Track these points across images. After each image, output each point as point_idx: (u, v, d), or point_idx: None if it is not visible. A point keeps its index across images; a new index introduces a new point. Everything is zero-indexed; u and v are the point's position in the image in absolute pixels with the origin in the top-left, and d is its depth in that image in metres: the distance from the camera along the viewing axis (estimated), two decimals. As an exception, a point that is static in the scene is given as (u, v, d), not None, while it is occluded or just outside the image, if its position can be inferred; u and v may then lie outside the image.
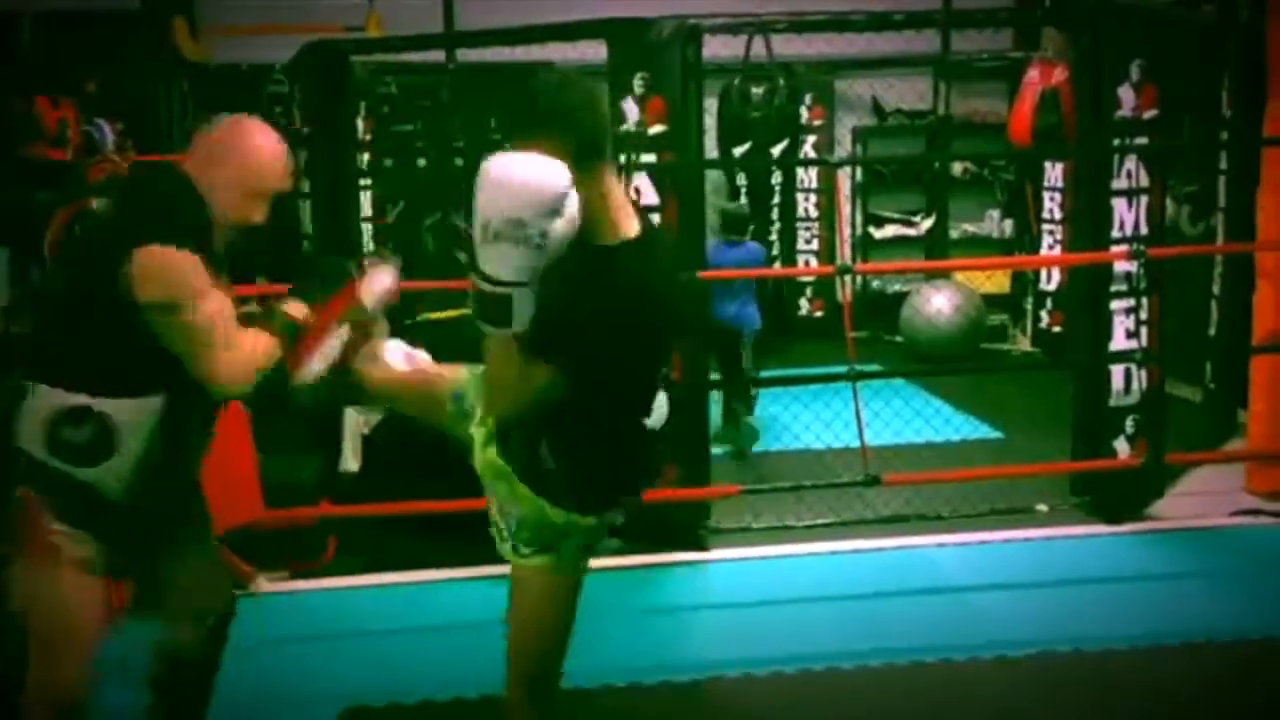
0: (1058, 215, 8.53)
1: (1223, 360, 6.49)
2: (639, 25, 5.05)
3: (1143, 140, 5.29)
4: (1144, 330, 5.36)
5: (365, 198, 7.09)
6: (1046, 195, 8.66)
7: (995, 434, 6.99)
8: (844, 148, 9.97)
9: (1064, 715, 3.83)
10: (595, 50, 5.33)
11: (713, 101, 8.51)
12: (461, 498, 4.86)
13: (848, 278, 6.53)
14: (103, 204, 5.68)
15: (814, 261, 9.75)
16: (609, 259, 2.49)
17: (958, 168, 10.14)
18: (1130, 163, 5.28)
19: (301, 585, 4.91)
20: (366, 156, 7.38)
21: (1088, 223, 5.55)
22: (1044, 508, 5.40)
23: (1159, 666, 4.07)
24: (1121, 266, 5.32)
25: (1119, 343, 5.37)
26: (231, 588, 3.24)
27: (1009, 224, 9.86)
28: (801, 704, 3.95)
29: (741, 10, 6.25)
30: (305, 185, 7.03)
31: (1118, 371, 5.38)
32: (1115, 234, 5.30)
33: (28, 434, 2.74)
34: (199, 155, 2.87)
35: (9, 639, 3.12)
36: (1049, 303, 8.80)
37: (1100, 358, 5.39)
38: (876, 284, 10.03)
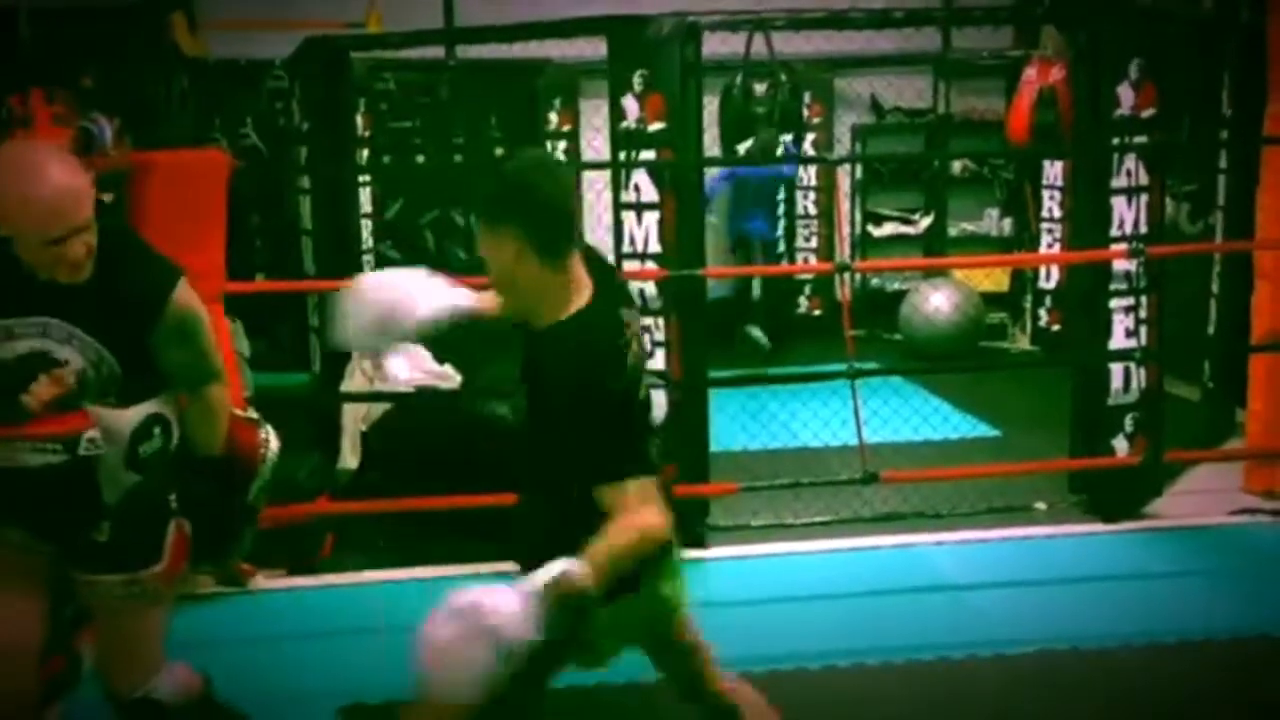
0: (1057, 213, 8.53)
1: (1221, 359, 6.48)
2: (638, 22, 5.05)
3: (1142, 139, 5.28)
4: (1143, 329, 5.36)
5: (365, 194, 7.08)
6: (1045, 193, 8.66)
7: (993, 432, 6.99)
8: (843, 146, 9.95)
9: (1062, 714, 3.83)
10: (594, 47, 5.32)
11: (712, 99, 8.50)
12: (458, 495, 4.88)
13: (846, 276, 6.54)
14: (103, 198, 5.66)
15: (813, 259, 9.75)
16: (541, 338, 2.41)
17: (957, 166, 10.13)
18: (1129, 161, 5.28)
19: (299, 582, 4.91)
20: (366, 153, 7.37)
21: (1087, 221, 5.55)
22: (1042, 506, 5.41)
23: (1157, 665, 4.07)
24: (1120, 265, 5.32)
25: (1118, 341, 5.37)
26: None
27: (1008, 222, 9.84)
28: (799, 702, 3.93)
29: (741, 7, 6.23)
30: (305, 182, 7.03)
31: (1116, 370, 5.37)
32: (1114, 232, 5.30)
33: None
34: None
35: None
36: (1048, 301, 8.80)
37: (1099, 356, 5.39)
38: (875, 282, 10.02)
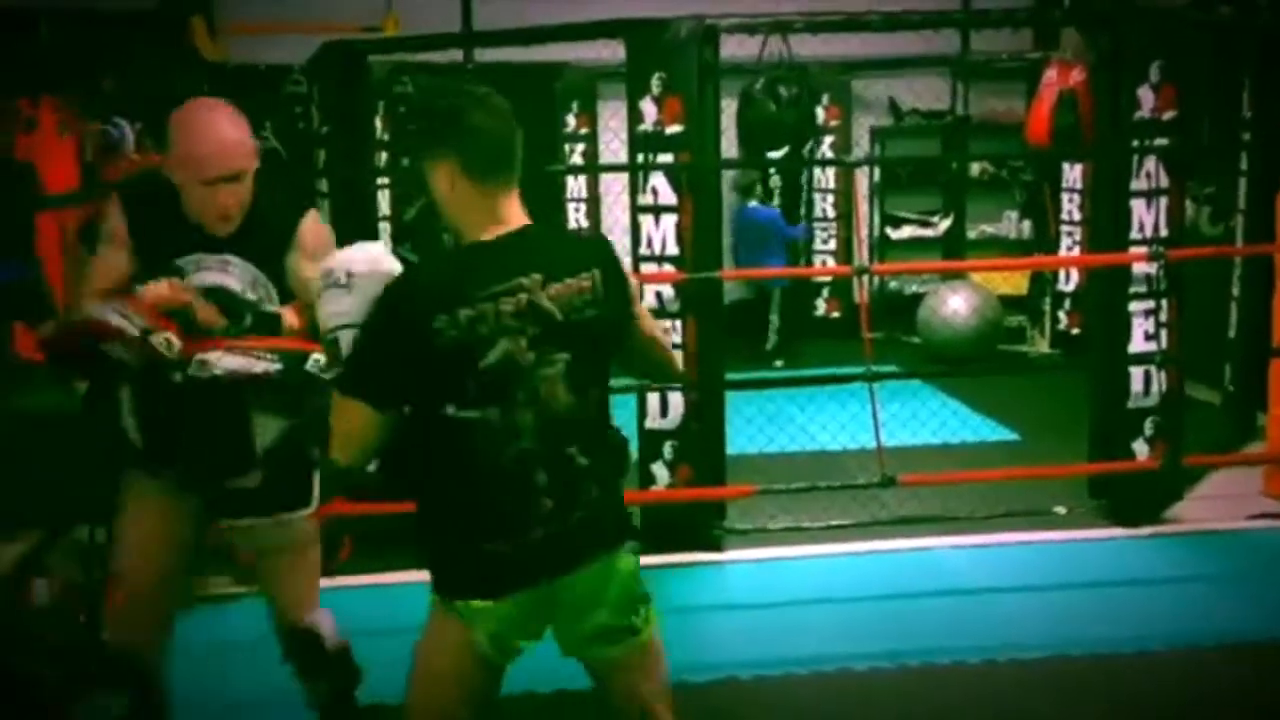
0: (1076, 216, 8.51)
1: (1242, 363, 6.45)
2: (656, 25, 5.05)
3: (1162, 141, 5.26)
4: (1163, 332, 5.34)
5: (383, 197, 7.10)
6: (1065, 196, 8.64)
7: (1012, 436, 6.97)
8: (861, 148, 9.95)
9: (1079, 718, 3.81)
10: (612, 50, 5.33)
11: (730, 101, 8.50)
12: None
13: (865, 278, 6.53)
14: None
15: (831, 262, 9.74)
16: (466, 252, 2.42)
17: (975, 168, 10.11)
18: (1149, 164, 5.26)
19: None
20: (384, 155, 7.39)
21: (1106, 224, 5.52)
22: (1061, 510, 5.38)
23: (1175, 670, 4.05)
24: (1140, 268, 5.30)
25: (1138, 344, 5.35)
26: None
27: (1027, 225, 9.82)
28: (815, 705, 3.94)
29: (758, 10, 6.23)
30: (324, 184, 7.04)
31: (1136, 373, 5.35)
32: (1134, 235, 5.28)
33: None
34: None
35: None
36: (1067, 304, 8.77)
37: (1119, 359, 5.37)
38: (894, 285, 10.01)
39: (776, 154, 9.00)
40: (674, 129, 5.03)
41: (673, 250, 5.06)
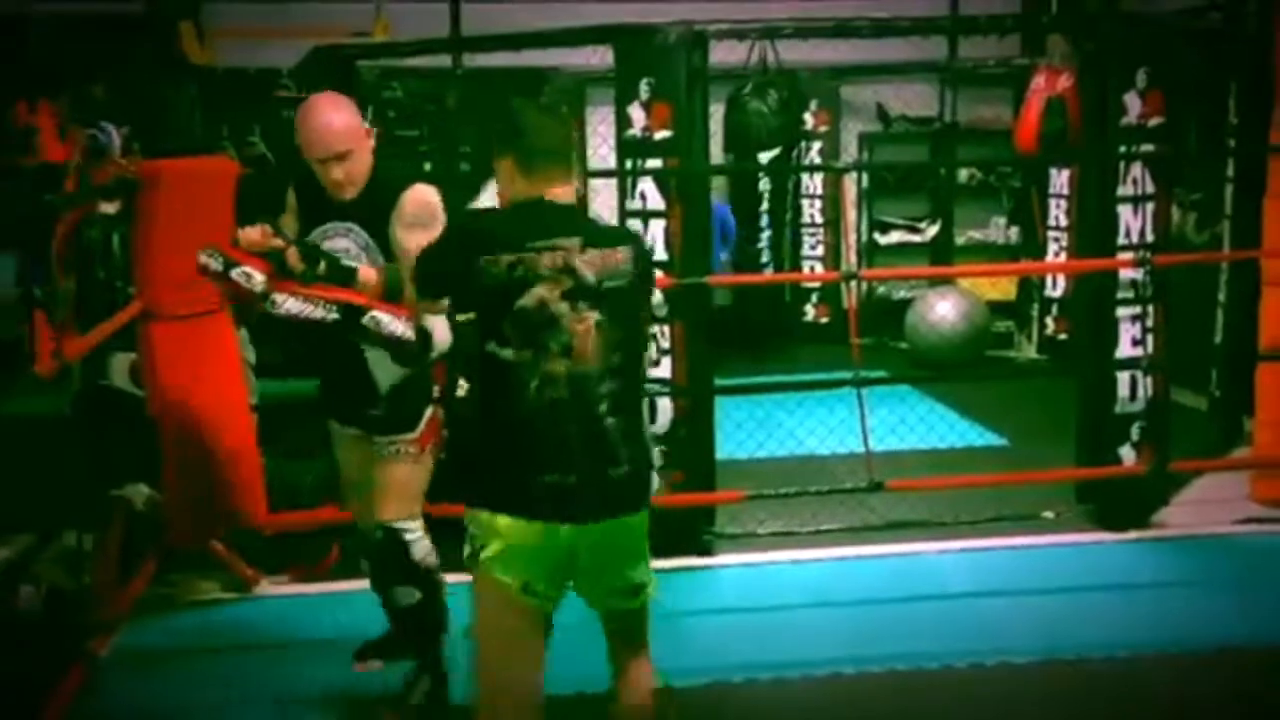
0: (1063, 222, 8.53)
1: (1228, 368, 6.47)
2: (644, 31, 5.06)
3: (1148, 147, 5.29)
4: (1149, 337, 5.36)
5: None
6: (1052, 202, 8.66)
7: (1000, 440, 6.99)
8: (849, 154, 9.97)
9: (1068, 723, 3.83)
10: (601, 56, 5.33)
11: (718, 107, 8.51)
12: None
13: (853, 283, 6.54)
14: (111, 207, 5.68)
15: (819, 267, 9.75)
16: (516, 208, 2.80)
17: (963, 174, 10.13)
18: (1136, 170, 5.28)
19: (305, 589, 4.92)
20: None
21: (1093, 230, 5.55)
22: (1049, 515, 5.40)
23: (1163, 674, 4.07)
24: (1127, 273, 5.32)
25: (1124, 350, 5.36)
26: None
27: (1014, 230, 9.85)
28: (804, 709, 3.95)
29: (747, 16, 6.24)
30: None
31: (1123, 379, 5.37)
32: (1121, 241, 5.30)
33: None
34: None
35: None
36: (1054, 309, 8.79)
37: (1106, 365, 5.38)
38: (882, 290, 10.03)
39: (765, 158, 8.99)
40: (662, 134, 5.04)
41: (661, 255, 5.07)
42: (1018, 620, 4.52)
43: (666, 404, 5.13)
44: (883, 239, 10.16)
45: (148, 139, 7.17)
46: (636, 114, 5.05)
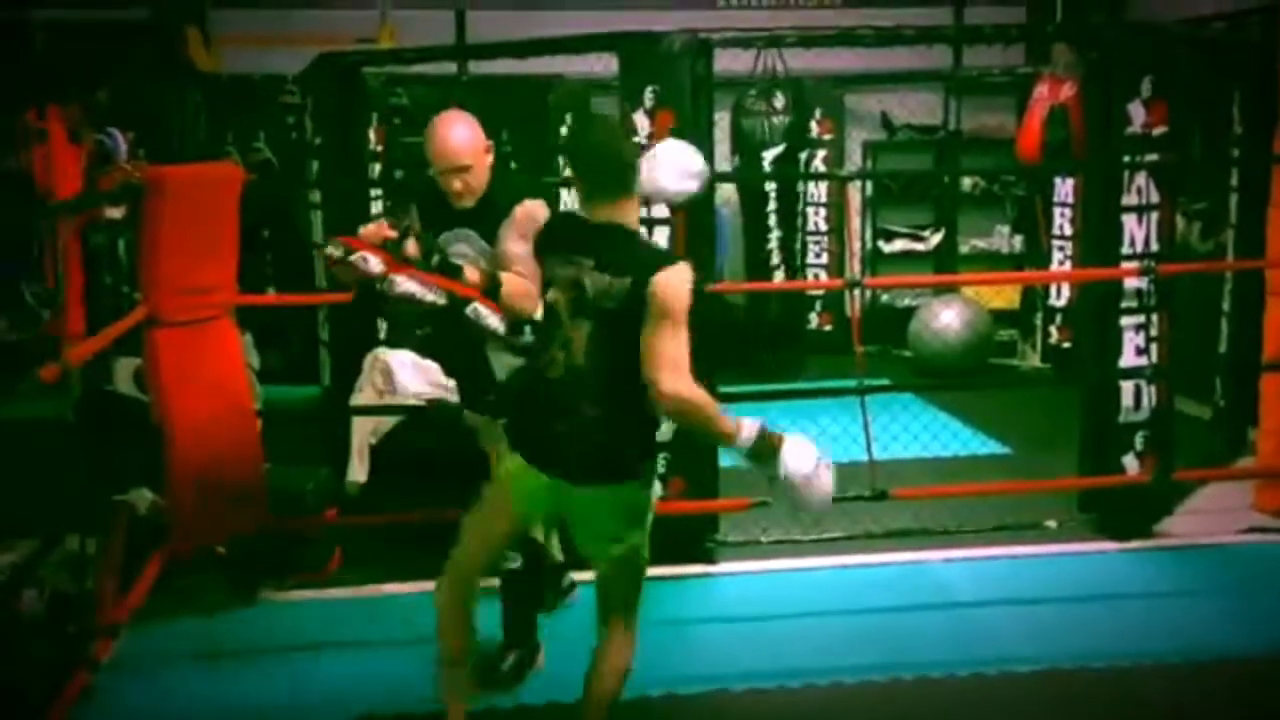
0: (1067, 231, 8.52)
1: (1232, 377, 6.47)
2: (649, 38, 5.06)
3: (1153, 157, 5.28)
4: (1153, 347, 5.36)
5: (376, 208, 7.10)
6: (1056, 211, 8.65)
7: (1003, 449, 6.98)
8: (854, 162, 9.97)
9: (1071, 732, 3.82)
10: (606, 63, 5.34)
11: (723, 115, 8.52)
12: (468, 508, 4.88)
13: (856, 292, 6.54)
14: (116, 212, 5.69)
15: (823, 275, 9.74)
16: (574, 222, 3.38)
17: (967, 183, 10.13)
18: (1140, 179, 5.28)
19: (307, 595, 4.92)
20: (378, 167, 7.40)
21: (1097, 239, 5.54)
22: (1052, 524, 5.39)
23: (1166, 684, 4.06)
24: (1131, 283, 5.32)
25: (1128, 359, 5.36)
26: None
27: (1018, 239, 9.84)
28: (807, 718, 3.95)
29: (752, 24, 6.25)
30: (316, 196, 7.05)
31: (1127, 388, 5.37)
32: (1125, 250, 5.30)
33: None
34: None
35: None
36: (1058, 318, 8.77)
37: (1109, 374, 5.38)
38: (885, 298, 10.02)
39: (767, 165, 8.96)
40: (667, 142, 5.04)
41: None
42: (1020, 629, 4.52)
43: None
44: (887, 247, 10.16)
45: (153, 144, 7.21)
46: (641, 121, 5.05)
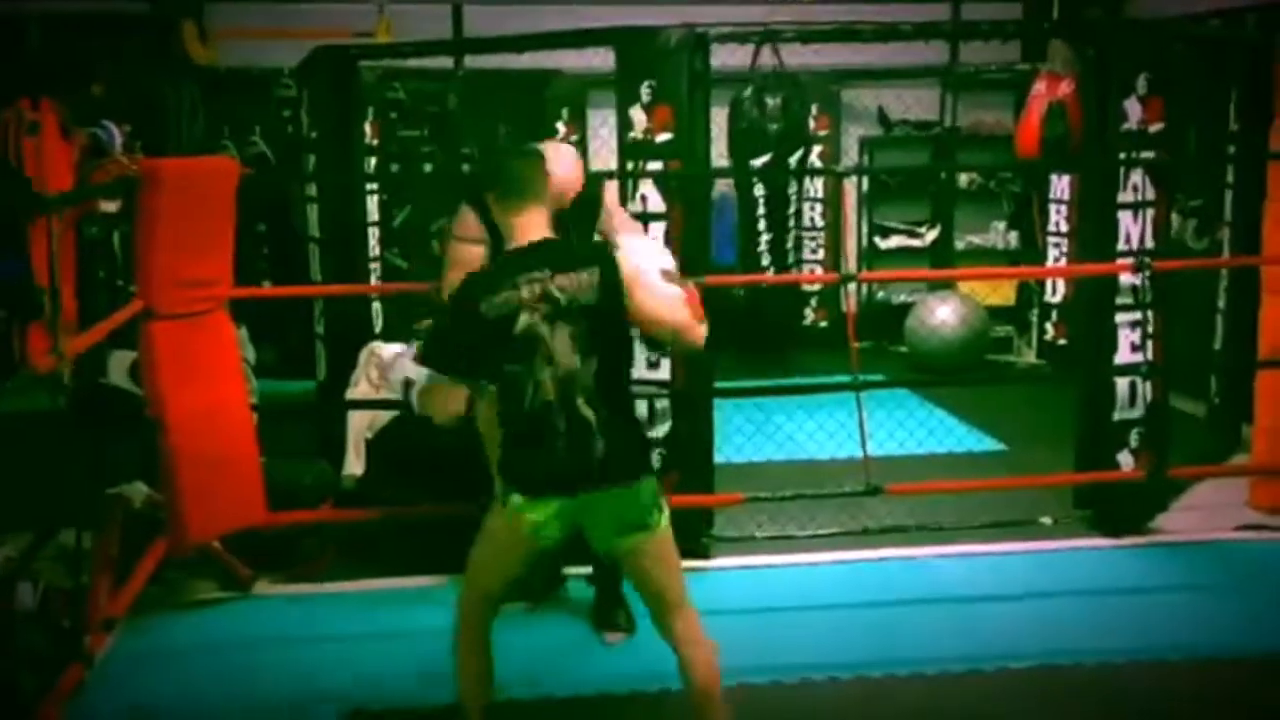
0: (1063, 227, 8.51)
1: (1227, 374, 6.48)
2: (646, 33, 5.06)
3: (1149, 154, 5.29)
4: (1149, 343, 5.36)
5: (372, 202, 7.10)
6: (1052, 207, 8.65)
7: (999, 445, 6.99)
8: (850, 158, 9.97)
9: (1065, 728, 3.83)
10: (602, 58, 5.33)
11: (720, 110, 8.51)
12: (463, 501, 4.88)
13: (852, 287, 6.54)
14: (112, 205, 5.68)
15: (819, 271, 9.73)
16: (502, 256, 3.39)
17: (964, 179, 10.12)
18: (1136, 176, 5.28)
19: (302, 588, 4.92)
20: (374, 161, 7.39)
21: (1093, 235, 5.55)
22: (1047, 520, 5.40)
23: (1160, 681, 4.07)
24: (1127, 279, 5.32)
25: (1124, 356, 5.37)
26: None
27: (1014, 236, 9.85)
28: (802, 713, 3.95)
29: (749, 19, 6.24)
30: (312, 189, 7.04)
31: (1122, 384, 5.37)
32: (1121, 247, 5.31)
33: None
34: None
35: None
36: (1054, 315, 8.77)
37: (1105, 370, 5.39)
38: (881, 294, 10.02)
39: (764, 160, 8.95)
40: (664, 137, 5.04)
41: (662, 258, 5.06)
42: (1015, 625, 4.52)
43: (666, 406, 5.12)
44: (883, 243, 10.15)
45: (149, 137, 7.20)
46: (638, 116, 5.05)
